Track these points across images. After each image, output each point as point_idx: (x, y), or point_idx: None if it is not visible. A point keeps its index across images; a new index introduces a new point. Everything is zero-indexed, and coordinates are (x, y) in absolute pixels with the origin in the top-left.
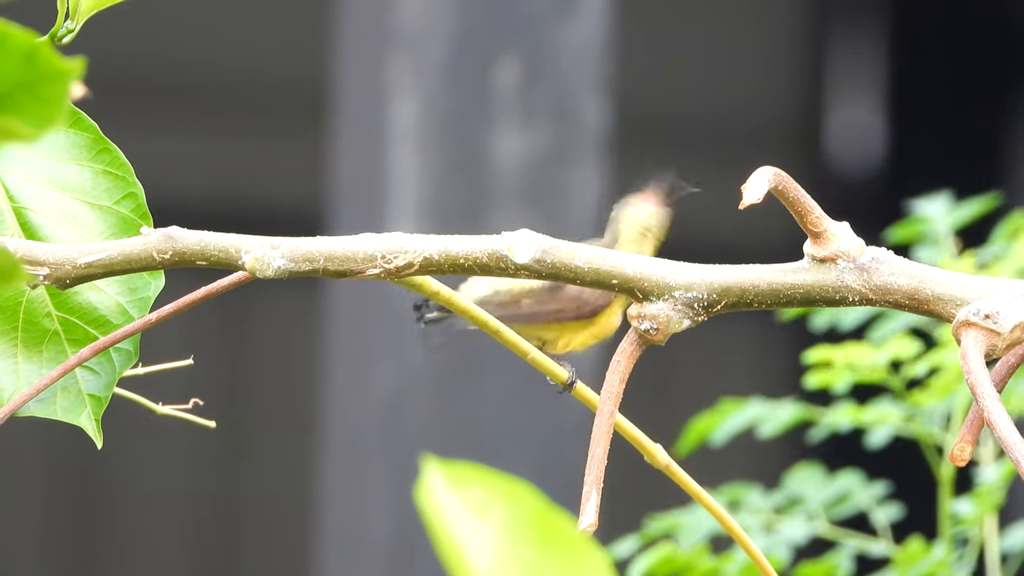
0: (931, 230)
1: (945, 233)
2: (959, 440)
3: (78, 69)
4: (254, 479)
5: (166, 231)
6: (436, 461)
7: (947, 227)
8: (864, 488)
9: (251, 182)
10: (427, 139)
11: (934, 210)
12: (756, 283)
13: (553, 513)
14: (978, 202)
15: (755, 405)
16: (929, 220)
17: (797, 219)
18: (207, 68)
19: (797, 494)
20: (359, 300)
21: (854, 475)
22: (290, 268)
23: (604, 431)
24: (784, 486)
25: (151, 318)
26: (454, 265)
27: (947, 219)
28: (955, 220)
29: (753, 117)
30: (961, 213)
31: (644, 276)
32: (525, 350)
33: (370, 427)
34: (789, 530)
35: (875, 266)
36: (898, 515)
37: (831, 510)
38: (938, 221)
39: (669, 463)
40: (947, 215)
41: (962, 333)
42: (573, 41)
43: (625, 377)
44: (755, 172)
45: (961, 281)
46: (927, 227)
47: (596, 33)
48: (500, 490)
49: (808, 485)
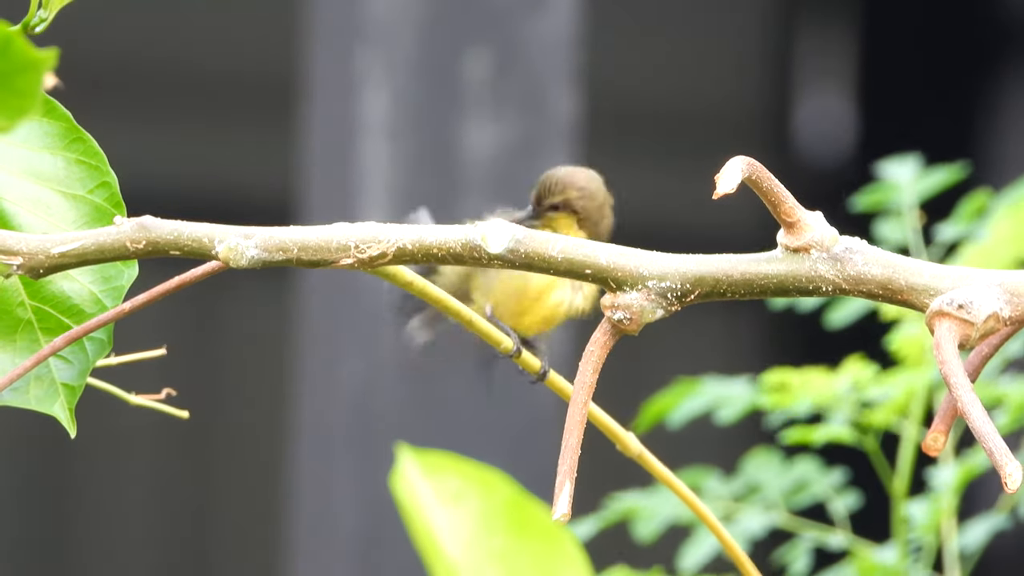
0: (895, 199)
1: (910, 203)
2: (932, 429)
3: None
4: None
5: (139, 221)
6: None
7: (913, 195)
8: (822, 475)
9: (222, 173)
10: (397, 130)
11: (902, 175)
12: (729, 273)
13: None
14: (948, 171)
15: (712, 385)
16: (895, 187)
17: (770, 209)
18: (178, 58)
19: (756, 481)
20: (329, 291)
21: (811, 462)
22: (263, 258)
23: (578, 421)
24: (743, 471)
25: (125, 307)
26: (428, 255)
27: (914, 186)
28: (923, 188)
29: (723, 107)
30: (930, 181)
31: (617, 266)
32: (497, 339)
33: (339, 418)
34: (748, 521)
35: (849, 256)
36: (856, 504)
37: (790, 499)
38: (905, 189)
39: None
40: (915, 182)
41: (935, 323)
42: (543, 33)
43: (598, 367)
44: (728, 162)
45: (934, 271)
46: (892, 195)
47: (566, 25)
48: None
49: (766, 471)
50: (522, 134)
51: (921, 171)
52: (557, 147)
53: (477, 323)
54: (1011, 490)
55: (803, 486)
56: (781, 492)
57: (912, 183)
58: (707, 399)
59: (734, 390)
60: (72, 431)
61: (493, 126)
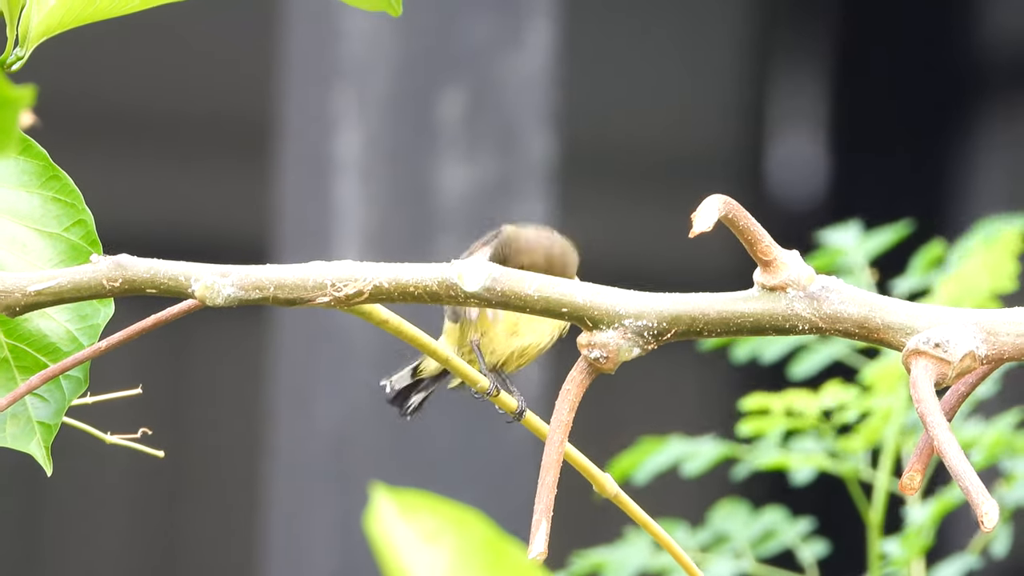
0: (846, 261)
1: (860, 263)
2: (908, 468)
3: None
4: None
5: (116, 259)
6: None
7: (862, 256)
8: (790, 524)
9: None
10: (371, 170)
11: (845, 240)
12: (706, 311)
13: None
14: (891, 230)
15: (676, 443)
16: (842, 251)
17: (747, 247)
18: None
19: (723, 531)
20: (305, 330)
21: (779, 511)
22: (240, 296)
23: (554, 459)
24: (710, 523)
25: (101, 346)
26: (404, 293)
27: (860, 249)
28: (868, 249)
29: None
30: (874, 242)
31: (594, 304)
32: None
33: (315, 457)
34: (717, 568)
35: (825, 294)
36: (825, 552)
37: (757, 547)
38: (852, 251)
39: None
40: (860, 245)
41: (912, 362)
42: (518, 72)
43: (575, 406)
44: (705, 200)
45: (911, 310)
46: (841, 258)
47: (541, 65)
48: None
49: (734, 522)
50: (497, 174)
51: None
52: (532, 187)
53: (454, 362)
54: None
55: (771, 534)
56: (749, 541)
57: (858, 246)
58: (672, 455)
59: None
60: (48, 469)
61: (467, 166)
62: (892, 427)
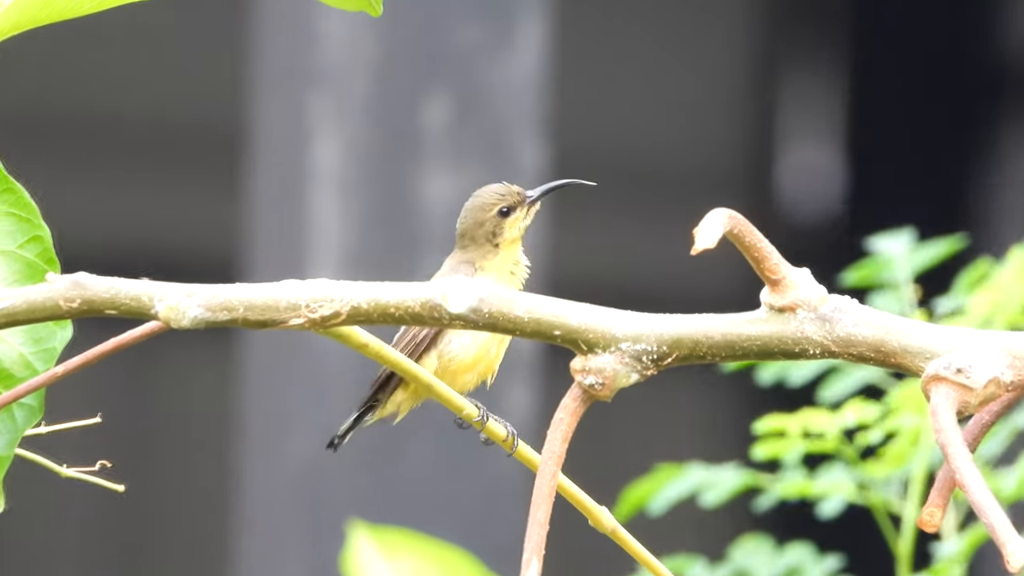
0: (890, 274)
1: (905, 278)
2: (928, 504)
3: None
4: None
5: (74, 278)
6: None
7: (908, 270)
8: (816, 562)
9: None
10: (350, 182)
11: (895, 249)
12: (710, 334)
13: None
14: (943, 243)
15: (695, 471)
16: (889, 262)
17: (754, 265)
18: (114, 105)
19: (744, 568)
20: (277, 356)
21: (805, 547)
22: (207, 318)
23: (546, 494)
24: (730, 559)
25: (58, 371)
26: (384, 315)
27: (909, 261)
28: (917, 262)
29: (701, 157)
30: (924, 254)
31: (589, 327)
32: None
33: (287, 494)
34: None
35: (838, 316)
36: None
37: None
38: (899, 263)
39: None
40: (909, 256)
41: (932, 388)
42: (508, 76)
43: (568, 436)
44: (709, 215)
45: (930, 332)
46: (886, 270)
47: (533, 68)
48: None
49: (756, 558)
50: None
51: (915, 244)
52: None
53: (437, 388)
54: (1014, 569)
55: (795, 572)
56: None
57: (906, 257)
58: (690, 484)
59: (721, 474)
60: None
61: (453, 177)
62: (921, 451)
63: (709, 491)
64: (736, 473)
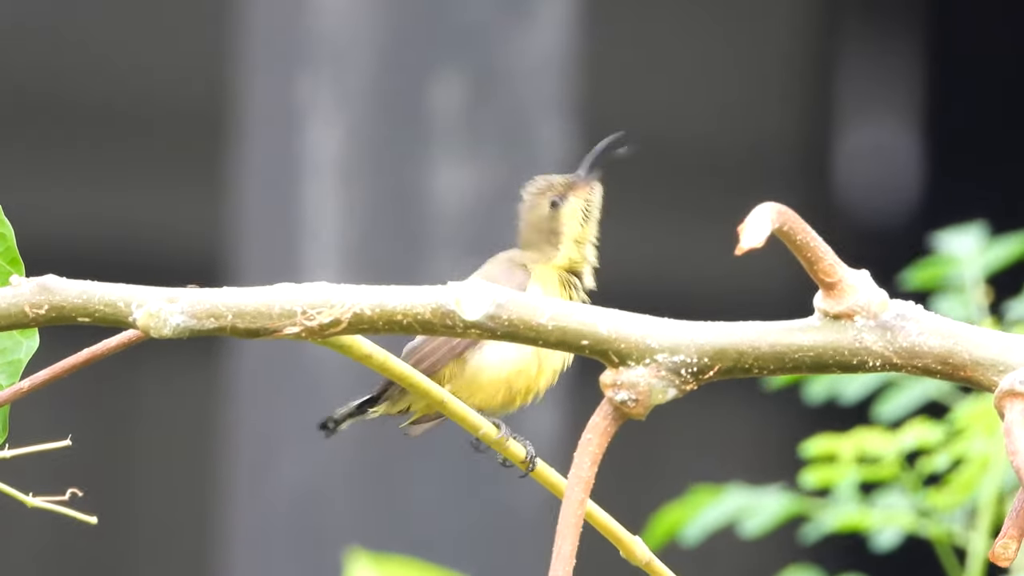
0: (956, 274)
1: (974, 279)
2: (1002, 535)
3: None
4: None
5: (41, 281)
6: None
7: (978, 270)
8: None
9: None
10: (351, 173)
11: (962, 247)
12: (756, 344)
13: None
14: (1017, 240)
15: (735, 494)
16: (955, 261)
17: (806, 266)
18: (86, 87)
19: None
20: (269, 368)
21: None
22: (191, 326)
23: (572, 524)
24: None
25: (23, 386)
26: (390, 322)
27: (978, 260)
28: (988, 262)
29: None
30: (996, 253)
31: (621, 336)
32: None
33: (279, 519)
34: None
35: (901, 324)
36: None
37: None
38: (966, 262)
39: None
40: (979, 254)
41: (1007, 405)
42: (528, 52)
43: (597, 459)
44: (755, 210)
45: (1005, 342)
46: (952, 270)
47: (556, 42)
48: None
49: None
50: (503, 175)
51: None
52: None
53: (451, 405)
54: None
55: None
56: None
57: (976, 256)
58: (729, 509)
59: (764, 498)
60: None
61: (467, 167)
62: (991, 478)
63: (750, 518)
64: (781, 498)
